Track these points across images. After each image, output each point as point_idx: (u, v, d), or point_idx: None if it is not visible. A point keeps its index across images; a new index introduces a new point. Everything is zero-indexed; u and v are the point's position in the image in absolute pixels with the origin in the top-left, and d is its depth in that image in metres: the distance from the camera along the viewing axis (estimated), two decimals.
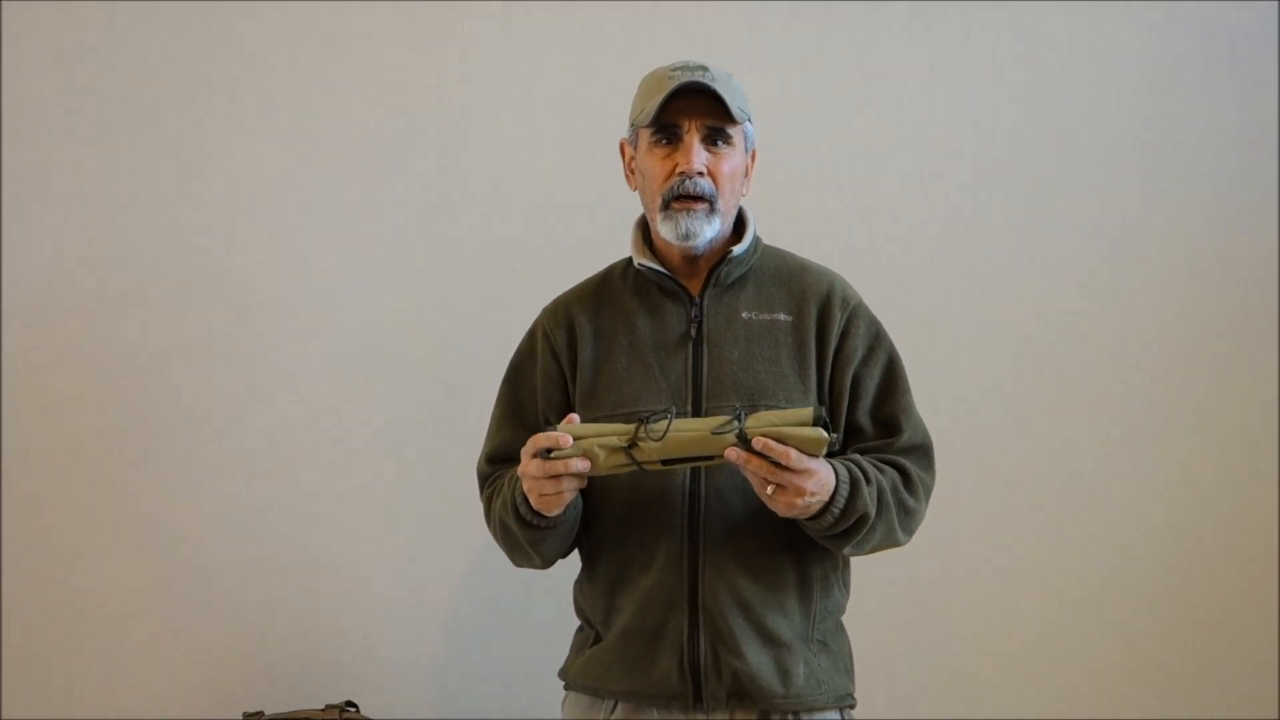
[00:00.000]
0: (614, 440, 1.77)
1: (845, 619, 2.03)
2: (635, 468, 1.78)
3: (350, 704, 2.53)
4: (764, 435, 1.72)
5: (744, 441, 1.73)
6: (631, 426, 1.77)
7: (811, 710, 1.91)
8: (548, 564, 2.00)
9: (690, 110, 1.89)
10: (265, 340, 2.71)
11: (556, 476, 1.78)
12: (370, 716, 2.54)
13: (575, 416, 1.82)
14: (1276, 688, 2.76)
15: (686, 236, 1.91)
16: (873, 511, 1.84)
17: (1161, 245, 2.79)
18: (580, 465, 1.76)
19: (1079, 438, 2.77)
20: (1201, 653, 2.77)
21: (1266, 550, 2.77)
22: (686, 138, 1.90)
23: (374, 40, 2.73)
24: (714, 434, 1.74)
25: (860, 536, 1.85)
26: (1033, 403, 2.77)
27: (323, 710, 2.50)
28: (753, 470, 1.74)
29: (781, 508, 1.78)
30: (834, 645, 1.97)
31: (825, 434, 1.73)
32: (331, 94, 2.73)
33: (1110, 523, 2.77)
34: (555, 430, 1.78)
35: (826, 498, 1.79)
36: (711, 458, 1.76)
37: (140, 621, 2.68)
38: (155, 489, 2.69)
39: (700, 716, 1.89)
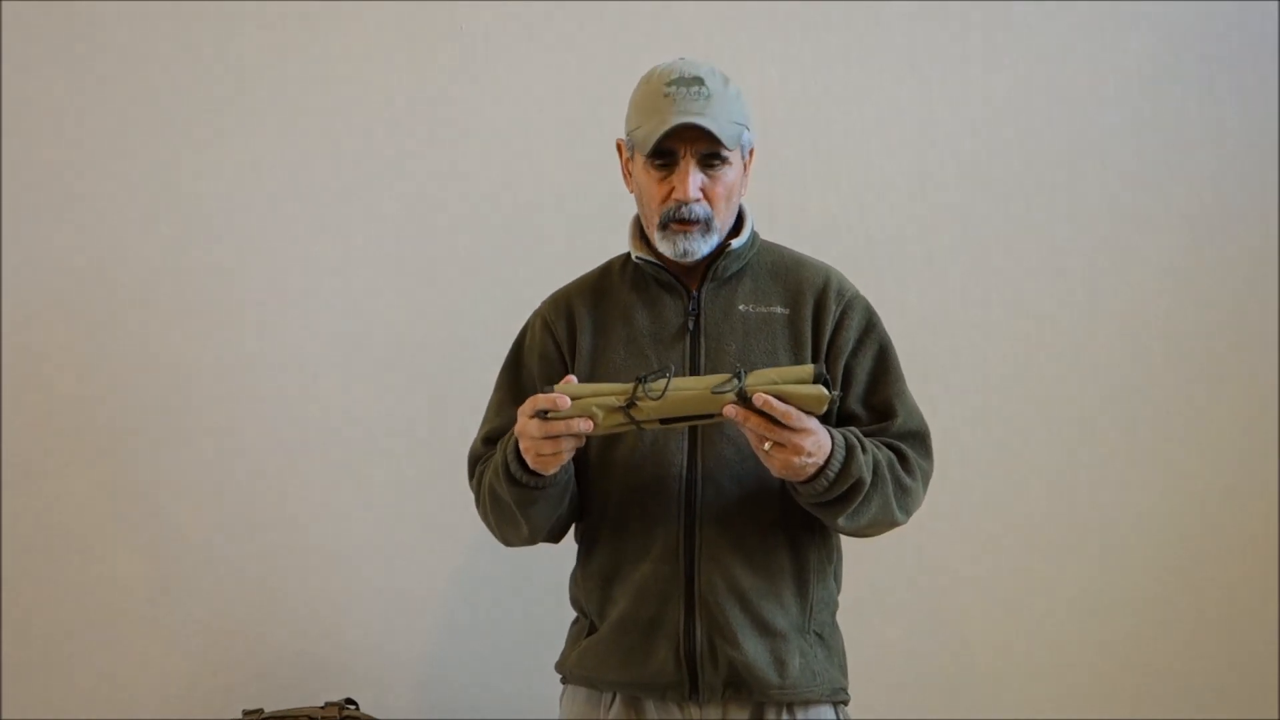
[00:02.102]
0: (612, 400, 1.76)
1: (840, 615, 2.03)
2: (634, 427, 1.77)
3: (350, 701, 2.53)
4: (764, 393, 1.71)
5: (744, 400, 1.72)
6: (630, 385, 1.76)
7: (807, 703, 1.91)
8: (535, 535, 1.97)
9: (685, 136, 1.89)
10: (262, 339, 2.71)
11: (555, 437, 1.77)
12: (370, 714, 2.54)
13: (573, 377, 1.81)
14: (1276, 688, 2.76)
15: (684, 255, 1.92)
16: (868, 478, 1.83)
17: (1161, 244, 2.79)
18: (583, 425, 1.75)
19: (1078, 435, 2.77)
20: (1201, 653, 2.76)
21: (1266, 550, 2.77)
22: (682, 163, 1.90)
23: (373, 40, 2.73)
24: (714, 392, 1.73)
25: (855, 505, 1.84)
26: (1031, 399, 2.77)
27: (322, 708, 2.50)
28: (751, 428, 1.73)
29: (777, 465, 1.77)
30: (829, 639, 1.97)
31: (826, 391, 1.72)
32: (331, 94, 2.73)
33: (1109, 521, 2.77)
34: (553, 390, 1.76)
35: (822, 460, 1.78)
36: (711, 416, 1.75)
37: (140, 620, 2.68)
38: (154, 487, 2.69)
39: (695, 709, 1.90)
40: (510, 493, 1.89)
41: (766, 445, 1.74)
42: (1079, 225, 2.78)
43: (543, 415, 1.76)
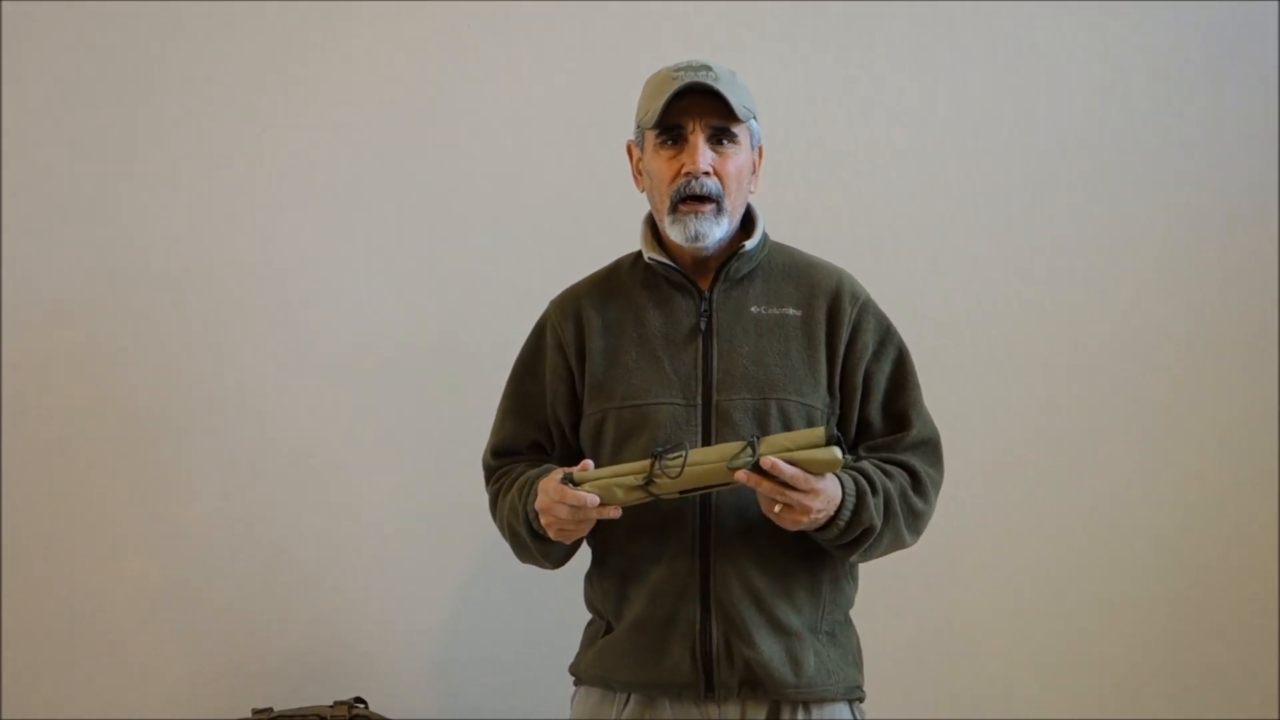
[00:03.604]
0: (631, 479, 1.81)
1: (854, 613, 2.04)
2: (653, 499, 1.82)
3: (359, 700, 2.53)
4: (776, 459, 1.75)
5: (757, 468, 1.76)
6: (647, 464, 1.80)
7: (822, 701, 1.92)
8: (556, 566, 2.03)
9: (694, 110, 1.90)
10: (269, 340, 2.71)
11: (581, 520, 1.84)
12: (379, 713, 2.54)
13: (589, 463, 1.86)
14: (1276, 688, 2.77)
15: (696, 239, 1.91)
16: (878, 523, 1.86)
17: (1162, 244, 2.79)
18: (612, 513, 1.81)
19: (1083, 436, 2.77)
20: (1201, 653, 2.77)
21: (1267, 550, 2.78)
22: (691, 138, 1.91)
23: (374, 41, 2.73)
24: (729, 467, 1.77)
25: (867, 546, 1.88)
26: (1036, 399, 2.77)
27: (331, 706, 2.50)
28: (764, 492, 1.77)
29: (789, 524, 1.81)
30: (842, 637, 1.98)
31: (839, 454, 1.76)
32: (332, 96, 2.73)
33: (1113, 522, 2.77)
34: (573, 473, 1.83)
35: (833, 511, 1.82)
36: (727, 484, 1.80)
37: (147, 620, 2.67)
38: (160, 487, 2.69)
39: (712, 708, 1.90)
40: (533, 543, 1.95)
41: (776, 508, 1.78)
42: (1082, 227, 2.79)
43: (569, 481, 1.81)
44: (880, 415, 1.98)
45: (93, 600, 2.67)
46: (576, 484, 1.83)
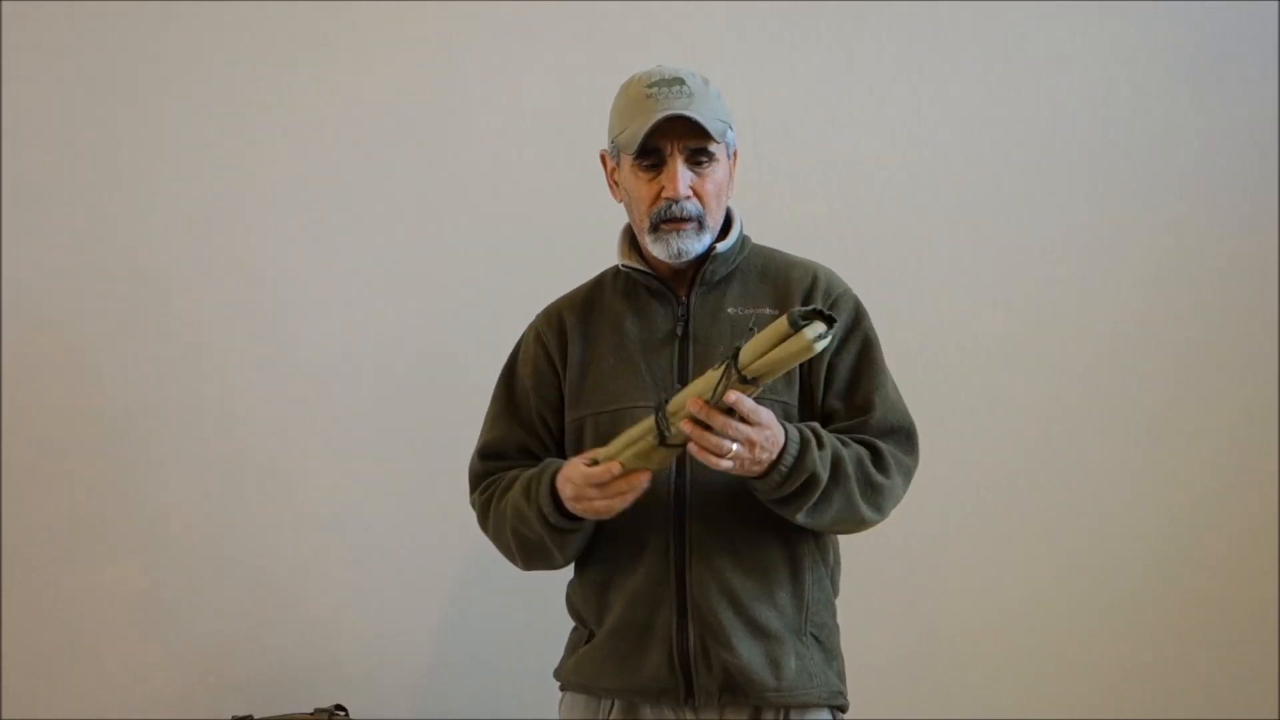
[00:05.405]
0: (646, 441, 1.77)
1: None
2: (678, 449, 1.77)
3: (339, 707, 2.53)
4: (753, 363, 1.69)
5: (740, 374, 1.70)
6: (651, 421, 1.77)
7: (804, 706, 1.90)
8: (568, 562, 1.98)
9: (672, 132, 1.89)
10: (259, 344, 2.72)
11: (614, 494, 1.80)
12: None
13: (599, 451, 1.83)
14: (1276, 688, 2.76)
15: (678, 255, 1.92)
16: (824, 475, 1.80)
17: (1160, 245, 2.79)
18: (644, 481, 1.79)
19: (1074, 438, 2.77)
20: (1201, 653, 2.76)
21: (1266, 550, 2.77)
22: (670, 161, 1.90)
23: (369, 44, 2.74)
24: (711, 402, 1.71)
25: (813, 501, 1.81)
26: (1026, 403, 2.77)
27: (311, 714, 2.51)
28: (719, 426, 1.71)
29: (732, 464, 1.75)
30: (827, 642, 1.95)
31: (818, 333, 1.67)
32: (323, 102, 2.73)
33: (1107, 522, 2.77)
34: (583, 461, 1.81)
35: (775, 454, 1.76)
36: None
37: (131, 625, 2.68)
38: (147, 492, 2.69)
39: (691, 713, 1.89)
40: (549, 536, 1.90)
41: (729, 452, 1.73)
42: (1077, 228, 2.79)
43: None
44: (843, 403, 1.94)
45: (78, 606, 2.67)
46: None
